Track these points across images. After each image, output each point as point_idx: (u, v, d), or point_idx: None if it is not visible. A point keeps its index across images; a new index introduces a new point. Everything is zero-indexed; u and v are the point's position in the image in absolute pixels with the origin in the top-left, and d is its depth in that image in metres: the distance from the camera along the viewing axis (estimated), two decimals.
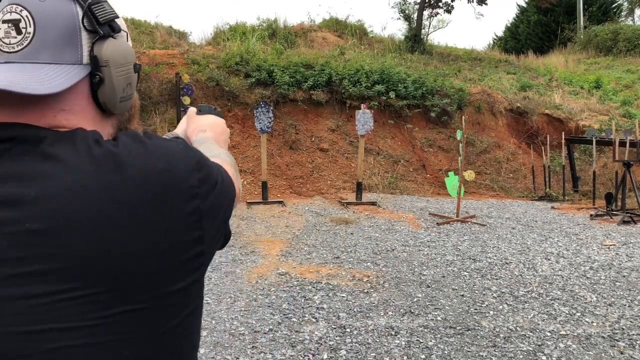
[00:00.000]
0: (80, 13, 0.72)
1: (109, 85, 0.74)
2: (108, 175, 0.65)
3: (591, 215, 7.46)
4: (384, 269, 4.88)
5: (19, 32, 0.70)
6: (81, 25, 0.72)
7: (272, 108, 7.77)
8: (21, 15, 0.70)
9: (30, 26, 0.70)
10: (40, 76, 0.69)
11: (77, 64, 0.72)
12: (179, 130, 1.19)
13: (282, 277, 4.56)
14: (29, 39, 0.70)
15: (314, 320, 3.68)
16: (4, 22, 0.70)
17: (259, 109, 7.49)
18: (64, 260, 0.62)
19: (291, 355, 3.16)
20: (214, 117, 1.18)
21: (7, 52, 0.70)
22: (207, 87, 9.47)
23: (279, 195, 8.27)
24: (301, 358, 3.13)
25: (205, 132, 1.11)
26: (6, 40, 0.70)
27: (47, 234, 0.62)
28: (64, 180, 0.64)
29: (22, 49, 0.70)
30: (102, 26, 0.74)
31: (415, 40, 15.00)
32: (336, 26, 15.12)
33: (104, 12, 0.75)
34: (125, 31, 0.81)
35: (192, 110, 1.21)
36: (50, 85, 0.68)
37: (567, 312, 3.94)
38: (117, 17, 0.77)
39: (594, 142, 8.54)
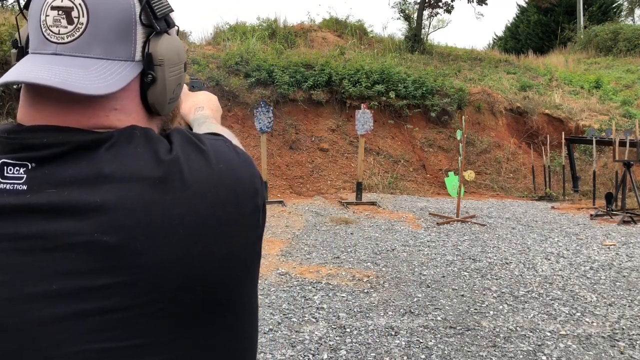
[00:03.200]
0: (138, 5, 0.66)
1: (160, 85, 0.69)
2: (177, 183, 0.61)
3: (591, 215, 7.46)
4: (384, 269, 4.88)
5: (70, 21, 0.63)
6: (138, 18, 0.66)
7: (272, 108, 7.77)
8: (74, 3, 0.63)
9: (83, 16, 0.63)
10: (92, 73, 0.63)
11: (129, 60, 0.66)
12: None
13: (282, 277, 4.56)
14: (81, 30, 0.63)
15: (314, 320, 3.68)
16: (54, 8, 0.63)
17: (258, 108, 7.49)
18: (137, 273, 0.57)
19: (291, 355, 3.15)
20: (207, 93, 1.11)
21: (56, 42, 0.64)
22: (207, 87, 9.44)
23: (279, 195, 8.27)
24: (301, 358, 3.13)
25: (203, 110, 1.04)
26: (55, 30, 0.63)
27: (120, 246, 0.57)
28: (132, 188, 0.59)
29: (72, 41, 0.63)
30: (159, 21, 0.68)
31: (415, 40, 14.99)
32: (336, 26, 15.11)
33: (162, 6, 0.69)
34: (177, 25, 0.75)
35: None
36: (105, 84, 0.63)
37: (567, 312, 3.94)
38: (172, 10, 0.72)
39: (594, 142, 8.53)
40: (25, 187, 0.59)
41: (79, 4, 0.63)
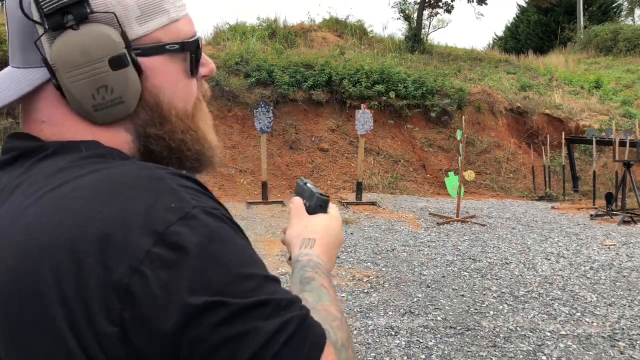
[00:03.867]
0: (33, 3, 0.56)
1: (66, 92, 0.58)
2: (41, 207, 0.52)
3: (591, 215, 7.46)
4: (384, 269, 4.88)
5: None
6: (29, 17, 0.57)
7: (272, 108, 7.78)
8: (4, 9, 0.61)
9: (6, 23, 0.60)
10: (1, 85, 0.60)
11: (40, 66, 0.59)
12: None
13: (282, 277, 4.56)
14: (8, 38, 0.61)
15: None
16: None
17: (258, 108, 7.49)
18: None
19: None
20: (329, 215, 0.82)
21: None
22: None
23: (279, 196, 8.27)
24: None
25: (313, 247, 0.75)
26: None
27: None
28: (16, 203, 0.54)
29: (8, 50, 0.62)
30: (50, 17, 0.56)
31: (415, 40, 15.00)
32: (336, 26, 15.12)
33: None
34: (111, 12, 0.58)
35: (298, 203, 0.83)
36: None
37: (567, 312, 3.94)
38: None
39: (594, 142, 8.53)
40: None
41: (5, 9, 0.59)
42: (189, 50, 0.64)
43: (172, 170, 0.58)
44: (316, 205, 0.81)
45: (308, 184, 0.84)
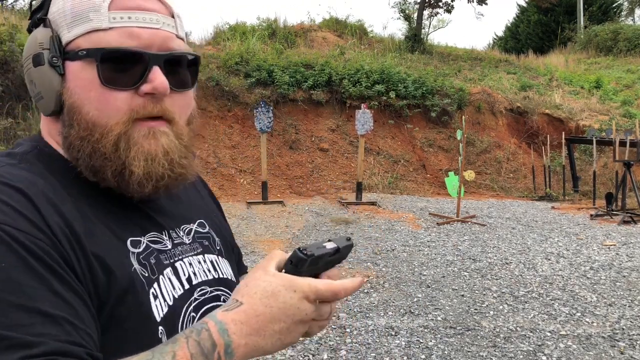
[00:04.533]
0: None
1: None
2: None
3: (591, 215, 7.46)
4: (384, 269, 4.88)
5: None
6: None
7: (272, 108, 7.77)
8: None
9: None
10: None
11: None
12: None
13: None
14: None
15: None
16: None
17: (258, 108, 7.49)
18: None
19: (291, 356, 3.15)
20: (281, 283, 0.59)
21: None
22: (207, 87, 9.46)
23: (279, 195, 8.26)
24: (301, 358, 3.13)
25: (226, 313, 0.58)
26: None
27: None
28: None
29: None
30: (32, 17, 0.70)
31: (415, 40, 14.99)
32: (336, 26, 15.11)
33: (35, 2, 0.70)
34: (47, 18, 0.68)
35: (271, 254, 0.66)
36: None
37: (567, 312, 3.94)
38: (44, 2, 0.68)
39: (594, 142, 8.53)
40: None
41: None
42: (93, 57, 0.64)
43: (12, 182, 0.60)
44: (287, 260, 0.63)
45: (326, 242, 0.66)
